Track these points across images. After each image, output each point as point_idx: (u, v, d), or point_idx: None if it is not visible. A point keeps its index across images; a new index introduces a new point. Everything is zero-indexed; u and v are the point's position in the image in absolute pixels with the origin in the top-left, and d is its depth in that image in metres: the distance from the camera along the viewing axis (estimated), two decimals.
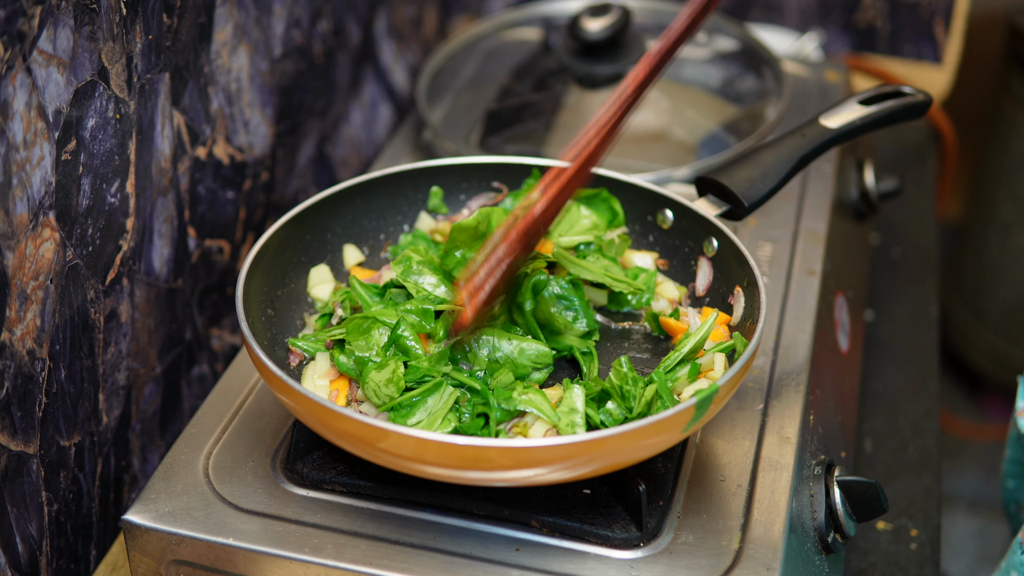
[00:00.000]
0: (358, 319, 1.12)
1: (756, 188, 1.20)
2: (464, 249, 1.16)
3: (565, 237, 1.21)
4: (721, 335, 1.15)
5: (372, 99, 1.82)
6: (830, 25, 2.15)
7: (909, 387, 1.58)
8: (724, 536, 1.03)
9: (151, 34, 1.20)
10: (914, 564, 1.32)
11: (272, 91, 1.49)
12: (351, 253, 1.26)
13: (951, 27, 2.12)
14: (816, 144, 1.24)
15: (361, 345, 1.10)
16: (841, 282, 1.44)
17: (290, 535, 1.03)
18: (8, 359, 1.05)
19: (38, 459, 1.12)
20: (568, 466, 0.96)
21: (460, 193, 1.31)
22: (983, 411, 2.81)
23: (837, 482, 1.12)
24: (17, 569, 1.11)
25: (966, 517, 2.58)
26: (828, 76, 1.77)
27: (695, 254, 1.23)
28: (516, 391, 1.06)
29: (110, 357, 1.22)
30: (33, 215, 1.05)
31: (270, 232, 1.17)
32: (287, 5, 1.49)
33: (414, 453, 0.95)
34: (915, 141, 2.05)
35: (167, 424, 1.36)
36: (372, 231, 1.28)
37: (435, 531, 1.04)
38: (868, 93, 1.28)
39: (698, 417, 0.99)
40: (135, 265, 1.24)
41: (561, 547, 1.03)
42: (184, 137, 1.30)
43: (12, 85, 0.99)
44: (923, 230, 1.89)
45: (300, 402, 0.99)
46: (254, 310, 1.12)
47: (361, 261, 1.27)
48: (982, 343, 2.70)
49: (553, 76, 1.73)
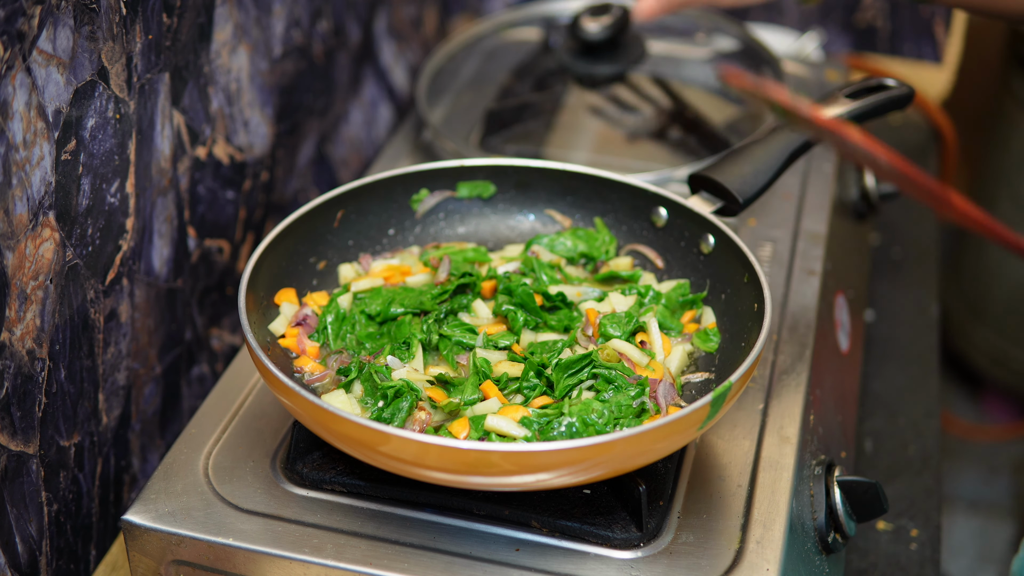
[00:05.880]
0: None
1: (749, 184, 1.20)
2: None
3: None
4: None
5: (372, 99, 1.82)
6: (830, 25, 2.15)
7: (909, 387, 1.58)
8: (724, 536, 1.03)
9: (151, 34, 1.20)
10: (914, 564, 1.32)
11: (272, 91, 1.49)
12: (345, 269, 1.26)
13: (951, 27, 2.12)
14: (806, 139, 1.24)
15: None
16: (841, 282, 1.44)
17: (290, 535, 1.03)
18: (8, 359, 1.05)
19: (38, 459, 1.12)
20: (574, 471, 0.95)
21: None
22: (983, 411, 2.81)
23: (837, 482, 1.12)
24: (17, 569, 1.11)
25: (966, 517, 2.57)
26: (828, 76, 1.77)
27: (691, 252, 1.23)
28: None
29: (110, 357, 1.22)
30: (33, 215, 1.05)
31: (275, 232, 1.17)
32: (287, 5, 1.49)
33: (415, 457, 0.95)
34: (915, 141, 2.05)
35: (167, 424, 1.36)
36: (377, 228, 1.28)
37: (435, 531, 1.04)
38: (853, 87, 1.29)
39: (713, 414, 0.99)
40: (135, 265, 1.24)
41: (561, 547, 1.03)
42: (184, 137, 1.30)
43: (12, 85, 0.99)
44: (923, 230, 1.88)
45: (300, 404, 0.99)
46: (255, 311, 1.12)
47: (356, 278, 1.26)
48: (982, 343, 2.69)
49: (553, 76, 1.73)
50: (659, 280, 1.25)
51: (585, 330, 1.17)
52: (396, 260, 1.28)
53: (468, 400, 1.08)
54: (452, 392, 1.10)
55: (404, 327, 1.16)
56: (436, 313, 1.17)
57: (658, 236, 1.26)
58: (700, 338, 1.17)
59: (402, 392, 1.08)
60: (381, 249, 1.28)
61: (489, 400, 1.08)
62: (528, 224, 1.32)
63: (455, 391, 1.10)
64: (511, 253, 1.29)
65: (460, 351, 1.15)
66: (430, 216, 1.30)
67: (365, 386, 1.10)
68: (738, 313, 1.16)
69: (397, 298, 1.19)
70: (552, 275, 1.23)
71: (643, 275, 1.25)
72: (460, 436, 1.03)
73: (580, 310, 1.20)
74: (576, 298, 1.21)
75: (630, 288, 1.22)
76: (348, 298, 1.20)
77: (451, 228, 1.31)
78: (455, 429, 1.04)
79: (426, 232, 1.30)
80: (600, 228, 1.29)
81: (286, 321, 1.18)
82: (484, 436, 1.04)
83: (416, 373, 1.12)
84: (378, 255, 1.28)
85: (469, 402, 1.08)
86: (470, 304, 1.20)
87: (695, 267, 1.23)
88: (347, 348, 1.16)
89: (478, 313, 1.20)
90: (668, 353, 1.15)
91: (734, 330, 1.15)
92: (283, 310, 1.18)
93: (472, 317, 1.20)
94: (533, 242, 1.28)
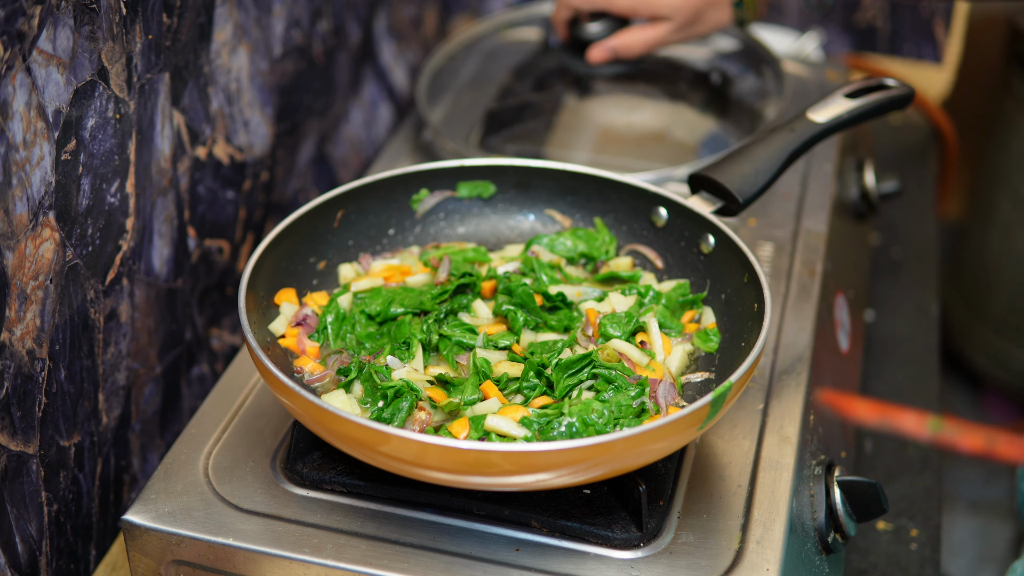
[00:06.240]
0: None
1: (749, 184, 1.20)
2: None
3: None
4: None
5: (372, 99, 1.82)
6: (830, 25, 2.15)
7: (909, 387, 1.58)
8: (724, 536, 1.03)
9: (151, 34, 1.20)
10: (914, 564, 1.32)
11: (272, 91, 1.49)
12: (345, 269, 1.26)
13: (951, 27, 2.12)
14: (805, 139, 1.24)
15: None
16: (841, 282, 1.44)
17: (290, 535, 1.03)
18: (8, 359, 1.05)
19: (38, 459, 1.12)
20: (574, 471, 0.95)
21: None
22: (983, 411, 2.81)
23: (837, 482, 1.12)
24: (17, 569, 1.11)
25: (966, 517, 2.57)
26: (828, 76, 1.77)
27: (691, 252, 1.23)
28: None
29: (110, 357, 1.22)
30: (33, 215, 1.05)
31: (275, 232, 1.17)
32: (287, 5, 1.49)
33: (415, 457, 0.95)
34: (915, 141, 2.05)
35: (167, 424, 1.36)
36: (377, 228, 1.28)
37: (435, 531, 1.04)
38: (853, 87, 1.29)
39: (713, 414, 0.99)
40: (135, 265, 1.24)
41: (561, 547, 1.03)
42: (184, 137, 1.30)
43: (12, 85, 0.99)
44: (923, 230, 1.89)
45: (300, 404, 0.99)
46: (255, 311, 1.12)
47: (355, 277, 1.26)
48: (982, 343, 2.69)
49: (553, 76, 1.73)
50: (659, 280, 1.26)
51: (585, 330, 1.17)
52: (396, 260, 1.28)
53: (468, 400, 1.08)
54: (452, 392, 1.10)
55: (404, 327, 1.16)
56: (436, 313, 1.17)
57: (658, 236, 1.26)
58: (700, 338, 1.17)
59: (402, 392, 1.08)
60: (381, 249, 1.28)
61: (489, 400, 1.08)
62: (528, 224, 1.32)
63: (455, 391, 1.10)
64: (511, 253, 1.29)
65: (460, 351, 1.15)
66: (430, 216, 1.30)
67: (365, 386, 1.10)
68: (738, 313, 1.16)
69: (397, 298, 1.19)
70: (552, 275, 1.23)
71: (643, 275, 1.25)
72: (460, 436, 1.03)
73: (580, 310, 1.20)
74: (576, 298, 1.21)
75: (630, 288, 1.22)
76: (348, 298, 1.20)
77: (451, 228, 1.31)
78: (455, 429, 1.04)
79: (426, 232, 1.30)
80: (600, 228, 1.29)
81: (286, 321, 1.18)
82: (484, 436, 1.04)
83: (416, 373, 1.12)
84: (378, 255, 1.28)
85: (469, 402, 1.08)
86: (470, 304, 1.20)
87: (695, 267, 1.23)
88: (347, 348, 1.16)
89: (478, 313, 1.20)
90: (668, 353, 1.15)
91: (734, 330, 1.15)
92: (283, 310, 1.18)
93: (472, 317, 1.20)
94: (533, 242, 1.28)
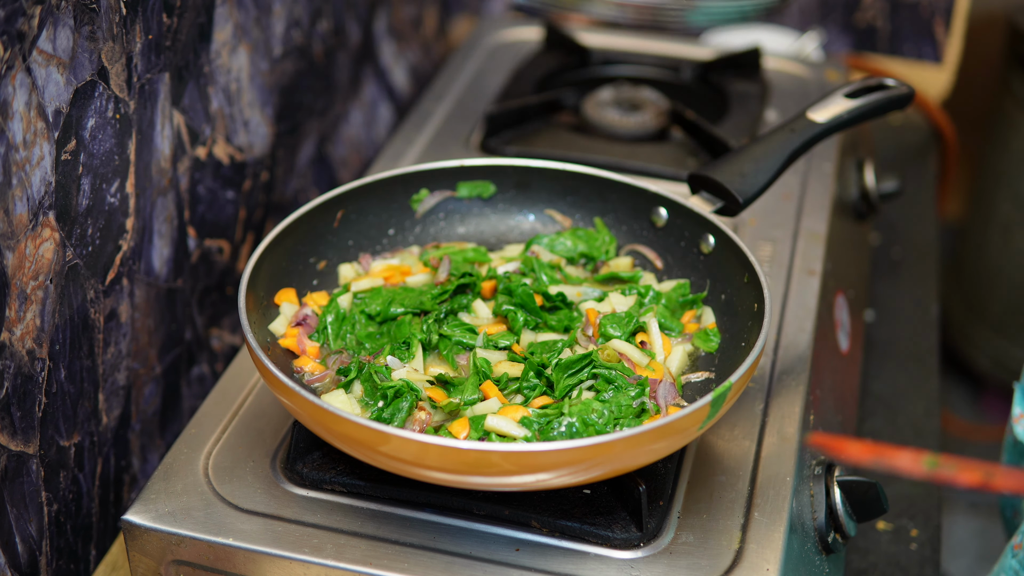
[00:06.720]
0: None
1: (749, 183, 1.20)
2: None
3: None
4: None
5: (372, 99, 1.82)
6: (830, 25, 2.15)
7: (909, 387, 1.58)
8: (724, 536, 1.03)
9: (151, 34, 1.20)
10: (914, 564, 1.32)
11: (272, 91, 1.49)
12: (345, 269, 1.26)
13: (951, 27, 2.12)
14: (805, 138, 1.24)
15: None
16: (841, 282, 1.44)
17: (290, 535, 1.03)
18: (8, 359, 1.05)
19: (38, 459, 1.12)
20: (574, 471, 0.95)
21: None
22: (983, 411, 2.81)
23: (837, 482, 1.12)
24: (17, 569, 1.11)
25: (966, 517, 2.58)
26: (828, 76, 1.77)
27: (691, 252, 1.23)
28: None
29: (110, 357, 1.22)
30: (33, 215, 1.05)
31: (275, 232, 1.17)
32: (287, 5, 1.49)
33: (415, 457, 0.95)
34: (915, 141, 2.05)
35: (167, 424, 1.36)
36: (377, 228, 1.28)
37: (435, 531, 1.04)
38: (853, 86, 1.29)
39: (713, 414, 0.99)
40: (135, 265, 1.24)
41: (561, 547, 1.03)
42: (184, 137, 1.30)
43: (12, 85, 0.99)
44: (923, 230, 1.89)
45: (300, 404, 0.99)
46: (255, 311, 1.12)
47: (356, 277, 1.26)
48: (982, 343, 2.70)
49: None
50: (659, 280, 1.26)
51: (585, 330, 1.17)
52: (396, 260, 1.28)
53: (468, 400, 1.08)
54: (452, 392, 1.10)
55: (404, 327, 1.16)
56: (436, 313, 1.17)
57: (658, 236, 1.26)
58: (700, 338, 1.17)
59: (402, 392, 1.08)
60: (381, 249, 1.28)
61: (489, 400, 1.08)
62: (528, 224, 1.32)
63: (455, 391, 1.10)
64: (511, 253, 1.29)
65: (460, 351, 1.15)
66: (430, 216, 1.30)
67: (365, 386, 1.10)
68: (738, 313, 1.16)
69: (397, 298, 1.19)
70: (552, 275, 1.23)
71: (643, 275, 1.25)
72: (460, 436, 1.03)
73: (580, 310, 1.20)
74: (576, 298, 1.21)
75: (630, 288, 1.22)
76: (348, 298, 1.20)
77: (451, 228, 1.31)
78: (455, 429, 1.04)
79: (426, 232, 1.30)
80: (600, 228, 1.29)
81: (286, 321, 1.18)
82: (484, 436, 1.04)
83: (416, 373, 1.12)
84: (378, 255, 1.28)
85: (469, 402, 1.08)
86: (470, 304, 1.20)
87: (695, 267, 1.23)
88: (347, 348, 1.16)
89: (478, 313, 1.20)
90: (668, 353, 1.15)
91: (734, 330, 1.15)
92: (283, 310, 1.18)
93: (472, 317, 1.20)
94: (533, 242, 1.28)
